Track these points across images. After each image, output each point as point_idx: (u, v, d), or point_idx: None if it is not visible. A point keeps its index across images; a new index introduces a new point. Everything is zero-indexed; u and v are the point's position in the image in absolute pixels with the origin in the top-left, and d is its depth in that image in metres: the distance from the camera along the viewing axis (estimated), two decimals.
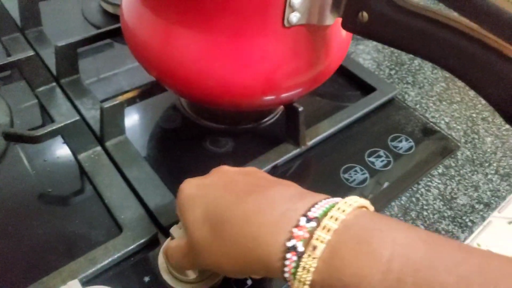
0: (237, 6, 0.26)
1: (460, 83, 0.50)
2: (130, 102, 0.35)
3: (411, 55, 0.51)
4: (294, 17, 0.27)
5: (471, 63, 0.23)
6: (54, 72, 0.41)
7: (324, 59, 0.32)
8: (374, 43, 0.55)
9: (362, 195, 0.36)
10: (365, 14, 0.26)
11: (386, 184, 0.37)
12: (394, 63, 0.52)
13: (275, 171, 0.37)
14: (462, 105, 0.47)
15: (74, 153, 0.35)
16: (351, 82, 0.47)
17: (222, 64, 0.29)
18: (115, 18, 0.50)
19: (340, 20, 0.28)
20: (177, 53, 0.29)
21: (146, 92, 0.36)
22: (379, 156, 0.40)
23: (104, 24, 0.50)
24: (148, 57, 0.32)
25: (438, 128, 0.44)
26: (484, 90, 0.23)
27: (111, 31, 0.41)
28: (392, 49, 0.53)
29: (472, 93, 0.49)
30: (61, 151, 0.36)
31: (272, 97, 0.32)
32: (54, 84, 0.40)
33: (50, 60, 0.42)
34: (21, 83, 0.41)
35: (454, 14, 0.23)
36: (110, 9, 0.50)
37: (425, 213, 0.37)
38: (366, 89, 0.45)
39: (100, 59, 0.46)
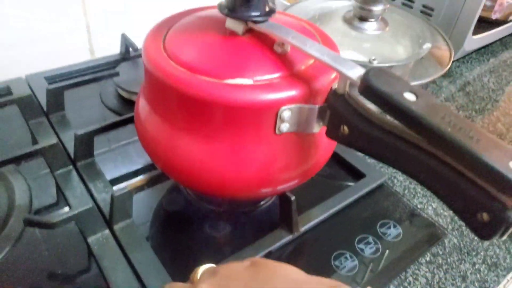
0: (235, 120, 0.31)
1: None
2: (139, 189, 0.39)
3: None
4: (284, 127, 0.32)
5: (438, 180, 0.26)
6: (72, 155, 0.45)
7: (313, 157, 0.36)
8: None
9: (351, 283, 0.38)
10: (345, 128, 0.30)
11: (374, 273, 0.39)
12: None
13: (270, 257, 0.39)
14: None
15: (84, 236, 0.38)
16: (342, 167, 0.50)
17: (221, 165, 0.32)
18: (129, 103, 0.56)
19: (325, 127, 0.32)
20: (181, 153, 0.33)
21: (153, 180, 0.39)
22: (368, 243, 0.42)
23: (119, 108, 0.55)
24: (155, 152, 0.36)
25: (425, 215, 0.46)
26: (451, 204, 0.26)
27: (126, 120, 0.46)
28: None
29: None
30: (73, 233, 0.39)
31: (267, 190, 0.35)
32: (71, 167, 0.44)
33: (70, 143, 0.46)
34: (39, 162, 0.45)
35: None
36: (125, 95, 0.56)
37: None
38: (356, 174, 0.49)
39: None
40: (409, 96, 0.26)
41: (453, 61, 0.77)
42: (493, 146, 0.23)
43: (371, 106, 0.29)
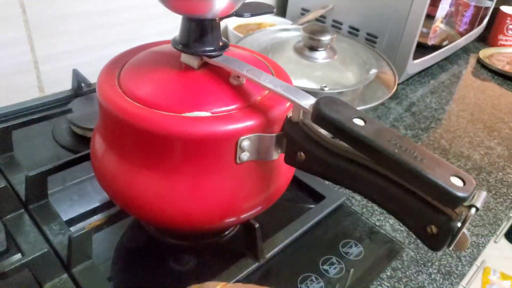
0: (195, 152, 0.31)
1: None
2: (98, 229, 0.37)
3: None
4: (245, 156, 0.32)
5: (389, 198, 0.28)
6: (23, 198, 0.43)
7: (275, 182, 0.37)
8: None
9: None
10: (302, 154, 0.31)
11: None
12: None
13: None
14: None
15: (40, 283, 0.36)
16: (301, 190, 0.52)
17: (183, 199, 0.32)
18: (84, 139, 0.54)
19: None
20: (140, 190, 0.33)
21: (113, 218, 0.38)
22: (332, 264, 0.43)
23: (73, 145, 0.53)
24: (113, 189, 0.35)
25: (384, 231, 0.48)
26: (403, 220, 0.28)
27: (81, 157, 0.45)
28: None
29: None
30: (27, 280, 0.37)
31: (231, 219, 0.36)
32: (22, 210, 0.42)
33: (20, 186, 0.44)
34: None
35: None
36: (79, 131, 0.55)
37: None
38: (315, 197, 0.50)
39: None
40: (358, 122, 0.28)
41: (398, 84, 0.83)
42: (435, 164, 0.25)
43: (324, 132, 0.30)
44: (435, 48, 0.87)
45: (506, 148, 0.68)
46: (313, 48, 0.60)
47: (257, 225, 0.39)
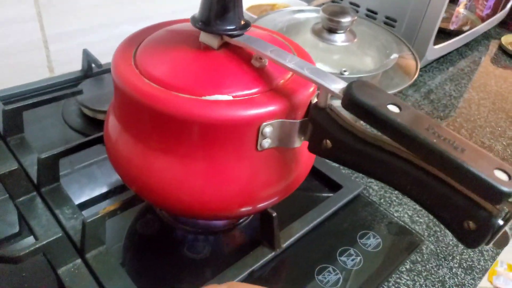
0: (215, 138, 0.29)
1: None
2: (111, 214, 0.36)
3: None
4: (266, 143, 0.31)
5: (424, 191, 0.26)
6: (35, 181, 0.42)
7: (294, 171, 0.35)
8: None
9: None
10: (328, 142, 0.30)
11: (358, 285, 0.39)
12: None
13: (253, 276, 0.38)
14: None
15: (54, 268, 0.35)
16: (318, 179, 0.50)
17: (201, 185, 0.31)
18: (94, 122, 0.53)
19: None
20: (157, 175, 0.31)
21: (127, 204, 0.37)
22: (350, 255, 0.42)
23: (83, 128, 0.52)
24: (128, 174, 0.34)
25: (402, 223, 0.47)
26: (438, 214, 0.26)
27: (93, 140, 0.44)
28: None
29: None
30: (41, 265, 0.36)
31: (248, 208, 0.34)
32: (34, 193, 0.41)
33: (32, 168, 0.43)
34: None
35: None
36: (89, 113, 0.53)
37: None
38: (333, 186, 0.49)
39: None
40: (393, 108, 0.26)
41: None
42: (477, 156, 0.23)
43: (351, 119, 0.28)
44: (455, 33, 0.84)
45: None
46: (332, 30, 0.57)
47: (274, 214, 0.38)
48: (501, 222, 0.23)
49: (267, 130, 0.30)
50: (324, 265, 0.40)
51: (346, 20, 0.56)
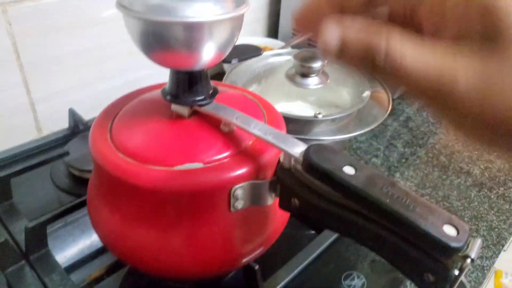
0: (189, 205, 0.31)
1: None
2: (98, 280, 0.37)
3: None
4: (239, 204, 0.32)
5: (385, 246, 0.28)
6: (23, 248, 0.43)
7: (272, 225, 0.37)
8: None
9: None
10: (296, 200, 0.31)
11: None
12: None
13: None
14: None
15: None
16: (302, 220, 0.51)
17: (179, 252, 0.32)
18: (82, 181, 0.55)
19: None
20: (136, 244, 0.33)
21: (112, 268, 0.38)
22: None
23: (72, 188, 0.54)
24: (108, 241, 0.35)
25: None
26: (400, 267, 0.28)
27: (79, 204, 0.45)
28: None
29: None
30: None
31: (228, 267, 0.36)
32: (23, 262, 0.42)
33: (20, 236, 0.44)
34: None
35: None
36: (77, 173, 0.55)
37: None
38: (317, 227, 0.50)
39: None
40: (349, 170, 0.28)
41: (394, 99, 0.83)
42: (428, 212, 0.25)
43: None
44: None
45: (506, 160, 0.68)
46: (305, 75, 0.60)
47: (256, 267, 0.39)
48: (456, 273, 0.25)
49: (239, 192, 0.32)
50: None
51: (317, 64, 0.58)
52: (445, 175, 0.63)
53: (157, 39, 0.29)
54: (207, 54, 0.31)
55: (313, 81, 0.61)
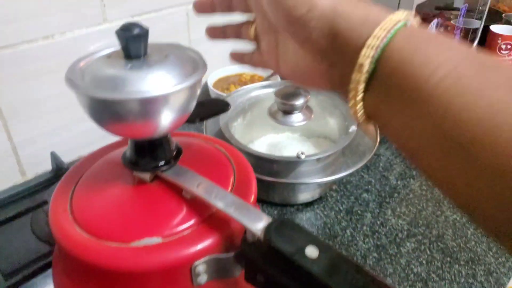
0: (147, 283, 0.29)
1: (391, 251, 0.54)
2: None
3: (343, 226, 0.55)
4: (202, 279, 0.31)
5: None
6: None
7: None
8: (308, 215, 0.60)
9: None
10: (261, 276, 0.29)
11: None
12: (328, 235, 0.56)
13: None
14: (395, 277, 0.50)
15: None
16: None
17: None
18: None
19: None
20: None
21: None
22: None
23: (51, 237, 0.52)
24: None
25: None
26: None
27: (46, 265, 0.44)
28: (324, 221, 0.58)
29: (403, 261, 0.52)
30: None
31: None
32: None
33: None
34: None
35: None
36: None
37: None
38: None
39: None
40: (311, 252, 0.26)
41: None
42: None
43: None
44: None
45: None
46: (287, 112, 0.58)
47: None
48: None
49: (200, 268, 0.30)
50: None
51: (299, 102, 0.57)
52: (440, 210, 0.61)
53: (110, 115, 0.28)
54: (165, 122, 0.29)
55: (296, 118, 0.59)
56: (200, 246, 0.30)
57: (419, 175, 0.68)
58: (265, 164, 0.56)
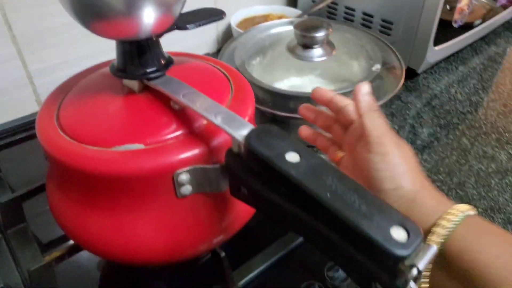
0: (129, 189, 0.29)
1: None
2: (59, 260, 0.36)
3: None
4: (186, 190, 0.29)
5: (333, 249, 0.24)
6: (1, 222, 0.43)
7: (232, 212, 0.34)
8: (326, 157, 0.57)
9: None
10: (244, 188, 0.28)
11: None
12: None
13: None
14: None
15: None
16: None
17: (124, 235, 0.30)
18: None
19: None
20: (82, 226, 0.31)
21: (74, 249, 0.37)
22: None
23: None
24: (61, 223, 0.34)
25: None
26: (348, 272, 0.24)
27: None
28: None
29: None
30: None
31: (187, 253, 0.33)
32: (0, 236, 0.42)
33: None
34: None
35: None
36: None
37: None
38: None
39: None
40: (292, 157, 0.24)
41: (419, 74, 0.75)
42: (376, 211, 0.21)
43: None
44: (467, 27, 0.78)
45: None
46: (307, 46, 0.55)
47: (223, 254, 0.36)
48: (402, 284, 0.21)
49: (183, 177, 0.29)
50: None
51: (320, 34, 0.53)
52: (464, 159, 0.56)
53: (91, 8, 0.26)
54: (149, 18, 0.27)
55: (316, 53, 0.55)
56: (183, 155, 0.28)
57: (447, 124, 0.63)
58: (284, 102, 0.53)
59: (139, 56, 0.30)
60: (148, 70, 0.31)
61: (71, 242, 0.39)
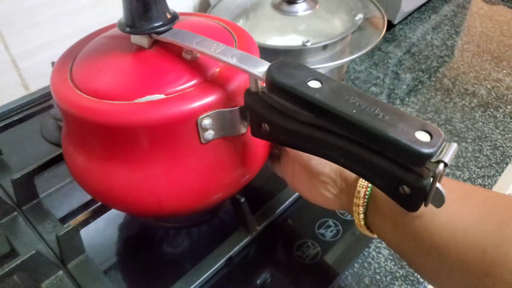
0: (155, 139, 0.30)
1: None
2: (84, 224, 0.37)
3: None
4: (209, 135, 0.31)
5: (357, 161, 0.26)
6: (15, 200, 0.44)
7: (251, 155, 0.35)
8: None
9: (315, 271, 0.38)
10: (266, 125, 0.29)
11: (338, 255, 0.39)
12: None
13: (232, 263, 0.39)
14: None
15: (37, 282, 0.37)
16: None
17: (154, 186, 0.31)
18: None
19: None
20: (111, 182, 0.32)
21: (97, 212, 0.38)
22: (329, 226, 0.42)
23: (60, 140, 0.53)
24: (87, 185, 0.35)
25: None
26: (374, 182, 0.26)
27: (61, 155, 0.45)
28: None
29: None
30: (26, 279, 0.38)
31: (209, 200, 0.35)
32: (16, 213, 0.43)
33: (11, 189, 0.45)
34: None
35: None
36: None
37: (378, 276, 0.39)
38: None
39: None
40: (313, 84, 0.25)
41: (396, 24, 0.77)
42: (398, 119, 0.23)
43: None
44: None
45: None
46: (291, 1, 0.56)
47: (242, 200, 0.38)
48: (430, 181, 0.23)
49: (206, 122, 0.30)
50: (302, 240, 0.41)
51: None
52: (448, 98, 0.60)
53: None
54: None
55: (301, 7, 0.56)
56: (203, 101, 0.29)
57: (428, 68, 0.67)
58: (270, 56, 0.55)
59: (147, 10, 0.31)
60: (156, 24, 0.31)
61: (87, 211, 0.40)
